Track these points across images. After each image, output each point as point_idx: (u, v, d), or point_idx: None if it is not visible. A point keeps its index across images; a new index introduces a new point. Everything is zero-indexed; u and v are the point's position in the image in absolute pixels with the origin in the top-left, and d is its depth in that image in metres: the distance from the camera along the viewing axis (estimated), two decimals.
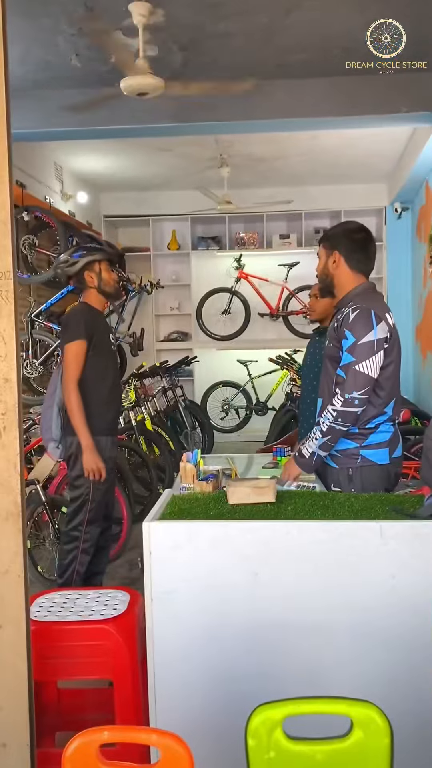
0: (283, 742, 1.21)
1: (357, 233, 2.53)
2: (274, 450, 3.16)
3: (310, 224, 7.60)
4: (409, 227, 7.33)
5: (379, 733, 1.19)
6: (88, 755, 1.29)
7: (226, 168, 6.21)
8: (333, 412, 2.29)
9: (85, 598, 2.20)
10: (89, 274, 3.22)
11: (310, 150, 6.10)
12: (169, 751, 1.26)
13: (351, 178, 7.14)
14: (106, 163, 6.47)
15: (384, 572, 1.77)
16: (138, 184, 7.24)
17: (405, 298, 7.41)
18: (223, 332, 7.58)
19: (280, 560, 1.80)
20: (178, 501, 2.15)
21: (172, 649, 1.82)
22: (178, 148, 5.92)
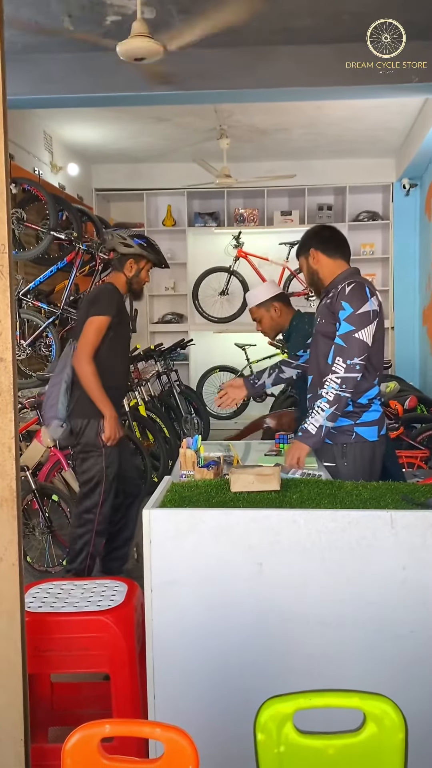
0: (294, 737, 1.22)
1: (323, 231, 2.86)
2: (277, 437, 3.16)
3: (313, 200, 7.57)
4: (418, 204, 7.31)
5: (393, 728, 1.20)
6: (89, 749, 1.30)
7: (226, 140, 6.17)
8: (337, 379, 2.49)
9: (80, 589, 2.21)
10: (132, 263, 3.33)
11: (315, 122, 6.07)
12: (173, 746, 1.27)
13: (357, 152, 7.10)
14: (98, 133, 6.41)
15: (395, 563, 1.78)
16: (132, 155, 7.19)
17: (411, 280, 7.41)
18: (220, 314, 7.57)
19: (285, 550, 1.81)
20: (178, 488, 2.16)
21: (173, 642, 1.83)
22: (175, 117, 5.88)
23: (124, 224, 7.65)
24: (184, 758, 1.26)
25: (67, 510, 3.95)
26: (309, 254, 2.79)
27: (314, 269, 2.79)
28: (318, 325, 2.75)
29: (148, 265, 3.37)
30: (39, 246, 5.31)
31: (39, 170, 5.86)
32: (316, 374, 2.72)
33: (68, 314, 5.57)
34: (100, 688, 2.33)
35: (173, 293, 7.87)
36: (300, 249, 2.86)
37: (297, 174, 6.81)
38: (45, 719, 2.27)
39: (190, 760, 1.26)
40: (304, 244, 2.84)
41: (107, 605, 2.07)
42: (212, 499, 2.04)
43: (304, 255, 2.82)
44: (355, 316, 2.51)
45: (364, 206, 7.60)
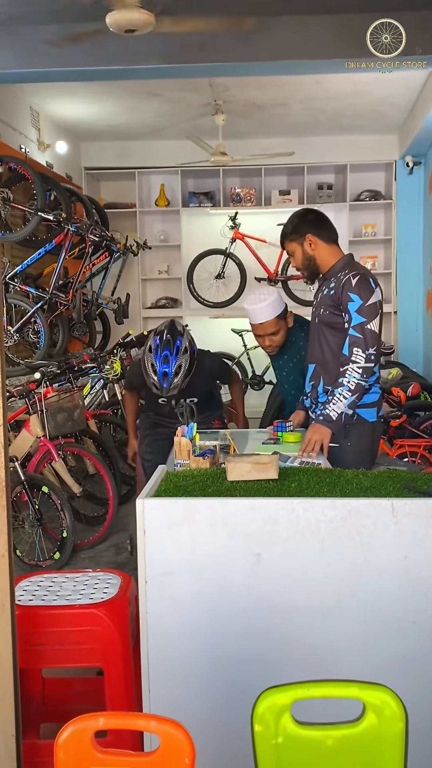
0: (292, 728, 1.25)
1: (309, 214, 2.95)
2: (275, 425, 3.18)
3: (313, 179, 7.56)
4: (421, 183, 7.30)
5: (393, 718, 1.23)
6: (83, 743, 1.32)
7: (221, 115, 6.15)
8: (359, 369, 2.63)
9: (72, 581, 2.23)
10: None
11: (314, 97, 6.04)
12: (168, 738, 1.30)
13: (358, 129, 7.08)
14: (87, 109, 6.38)
15: (396, 553, 1.81)
16: (123, 132, 7.15)
17: (415, 263, 7.41)
18: (216, 298, 7.56)
19: (284, 540, 1.83)
20: (173, 478, 2.18)
21: (168, 635, 1.86)
22: (168, 92, 5.85)
23: (115, 204, 7.64)
24: (180, 751, 1.29)
25: (58, 502, 3.97)
26: (305, 239, 2.85)
27: (311, 255, 2.87)
28: (320, 315, 2.86)
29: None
30: (26, 227, 5.31)
31: (25, 148, 5.83)
32: (319, 363, 2.86)
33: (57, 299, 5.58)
34: (93, 683, 2.37)
35: (167, 277, 7.86)
36: (293, 233, 2.90)
37: (296, 151, 6.79)
38: (37, 715, 2.30)
39: (186, 752, 1.28)
40: (297, 228, 2.89)
41: (100, 598, 2.10)
42: (208, 488, 2.06)
43: (299, 240, 2.88)
44: (365, 307, 2.66)
45: (366, 185, 7.58)
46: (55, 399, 4.31)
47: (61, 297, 5.65)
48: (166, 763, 1.29)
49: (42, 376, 4.25)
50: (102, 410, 5.40)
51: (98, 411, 5.32)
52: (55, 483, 4.15)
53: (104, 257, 6.56)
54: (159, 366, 3.07)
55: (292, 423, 3.16)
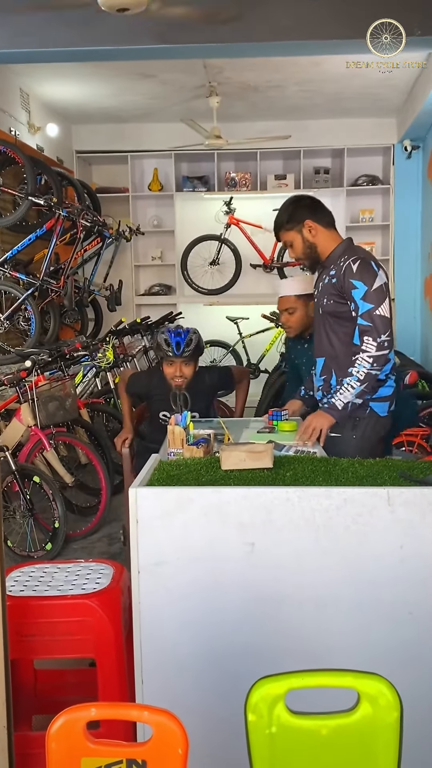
0: (286, 717, 1.26)
1: (303, 200, 2.89)
2: (271, 414, 3.19)
3: (309, 163, 7.53)
4: (420, 168, 7.29)
5: (388, 707, 1.24)
6: (74, 733, 1.33)
7: (216, 98, 6.11)
8: (369, 358, 2.60)
9: (64, 572, 2.24)
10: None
11: (311, 79, 6.02)
12: (161, 729, 1.31)
13: (356, 112, 7.06)
14: (79, 91, 6.34)
15: (392, 542, 1.82)
16: (115, 115, 7.11)
17: (413, 248, 7.41)
18: (210, 285, 7.55)
19: (278, 529, 1.84)
20: (167, 467, 2.18)
21: (162, 625, 1.87)
22: (162, 74, 5.81)
23: (107, 189, 7.60)
24: (174, 741, 1.30)
25: (50, 492, 3.98)
26: (304, 226, 2.79)
27: (311, 242, 2.80)
28: (324, 305, 2.78)
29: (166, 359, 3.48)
30: (16, 212, 5.28)
31: (15, 131, 5.80)
32: (329, 356, 2.82)
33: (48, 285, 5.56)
34: (85, 674, 2.38)
35: (160, 263, 7.84)
36: (291, 221, 2.82)
37: (292, 135, 6.76)
38: (28, 707, 2.32)
39: (179, 743, 1.30)
40: (294, 215, 2.82)
41: (92, 588, 2.11)
42: (202, 477, 2.07)
43: (297, 228, 2.81)
44: (371, 293, 2.60)
45: (364, 170, 7.56)
46: (47, 388, 4.31)
47: (52, 284, 5.63)
48: (159, 753, 1.30)
49: (33, 364, 4.25)
50: (94, 399, 5.40)
51: (90, 400, 5.32)
52: (47, 473, 4.15)
53: (96, 243, 6.54)
54: (172, 337, 3.41)
55: (287, 411, 3.16)
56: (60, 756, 1.32)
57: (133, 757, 1.33)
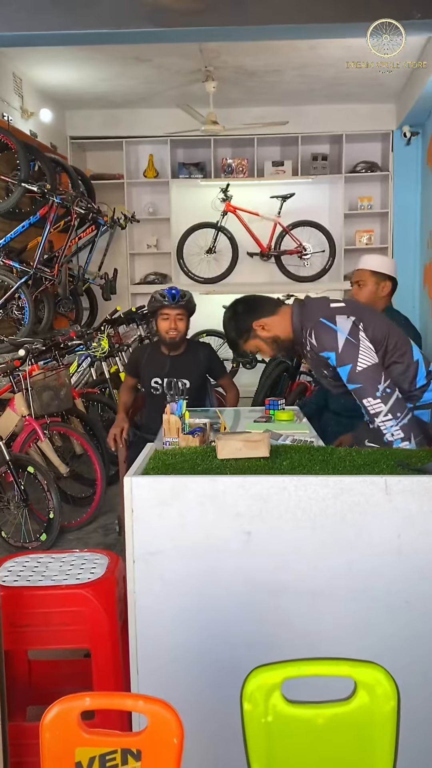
0: (282, 706, 1.26)
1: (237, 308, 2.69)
2: (267, 403, 3.19)
3: (307, 150, 7.50)
4: (419, 154, 7.27)
5: (385, 696, 1.24)
6: (69, 723, 1.33)
7: (212, 82, 6.08)
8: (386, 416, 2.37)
9: (58, 562, 2.24)
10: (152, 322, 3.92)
11: (309, 63, 5.99)
12: (156, 718, 1.31)
13: (355, 97, 7.03)
14: (73, 76, 6.30)
15: (389, 531, 1.82)
16: (110, 100, 7.08)
17: (412, 236, 7.40)
18: (207, 274, 7.54)
19: (275, 518, 1.84)
20: (162, 456, 2.18)
21: (157, 615, 1.87)
22: (157, 58, 5.78)
23: (102, 175, 7.57)
24: (169, 731, 1.30)
25: (44, 483, 3.98)
26: (255, 330, 2.61)
27: (272, 337, 2.61)
28: (331, 383, 2.62)
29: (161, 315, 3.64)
30: (9, 199, 5.26)
31: (8, 116, 5.77)
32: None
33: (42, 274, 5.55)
34: (80, 665, 2.39)
35: (156, 251, 7.82)
36: (240, 335, 2.64)
37: (289, 121, 6.74)
38: (23, 698, 2.32)
39: (174, 732, 1.30)
40: (239, 327, 2.64)
41: (87, 578, 2.11)
42: (198, 466, 2.06)
43: (250, 335, 2.62)
44: (341, 355, 2.41)
45: (362, 156, 7.54)
46: (41, 377, 4.30)
47: (46, 272, 5.61)
48: (154, 743, 1.30)
49: (27, 353, 4.24)
50: (89, 389, 5.40)
51: (85, 389, 5.31)
52: (41, 463, 4.15)
53: (91, 231, 6.52)
54: (167, 291, 3.66)
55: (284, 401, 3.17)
56: (54, 746, 1.32)
57: (128, 747, 1.33)
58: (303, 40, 5.35)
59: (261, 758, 1.27)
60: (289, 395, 5.58)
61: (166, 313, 3.61)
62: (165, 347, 3.71)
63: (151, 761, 1.30)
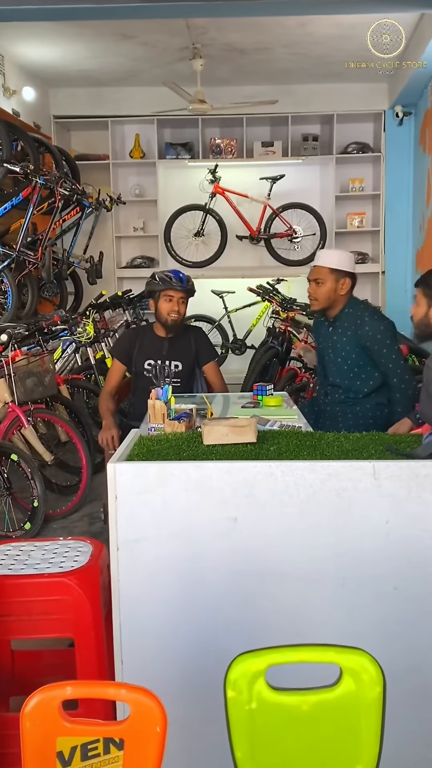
0: (266, 693, 1.27)
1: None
2: (255, 388, 3.19)
3: (297, 130, 7.47)
4: (412, 135, 7.25)
5: (371, 682, 1.25)
6: (50, 712, 1.33)
7: (200, 60, 6.04)
8: None
9: (41, 550, 2.24)
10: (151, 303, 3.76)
11: (299, 41, 5.95)
12: (139, 707, 1.31)
13: (345, 76, 6.98)
14: (56, 53, 6.23)
15: (377, 517, 1.83)
16: (95, 78, 7.01)
17: (404, 219, 7.39)
18: (195, 258, 7.51)
19: (261, 504, 1.84)
20: (147, 442, 2.18)
21: (141, 603, 1.87)
22: (143, 35, 5.72)
23: (87, 156, 7.51)
24: (152, 719, 1.31)
25: (28, 471, 3.97)
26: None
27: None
28: None
29: (163, 296, 3.61)
30: None
31: None
32: None
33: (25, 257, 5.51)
34: (63, 655, 2.39)
35: (142, 234, 7.78)
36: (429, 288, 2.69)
37: (279, 100, 6.70)
38: (5, 688, 2.33)
39: (157, 720, 1.30)
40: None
41: (70, 566, 2.11)
42: (183, 452, 2.07)
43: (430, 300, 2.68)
44: None
45: (354, 137, 7.51)
46: (24, 363, 4.28)
47: (30, 255, 5.57)
48: (136, 732, 1.31)
49: (9, 338, 4.21)
50: (74, 375, 5.38)
51: (70, 376, 5.29)
52: (25, 451, 4.14)
53: (75, 213, 6.47)
54: (174, 273, 3.66)
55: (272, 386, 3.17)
56: (35, 735, 1.32)
57: (110, 736, 1.33)
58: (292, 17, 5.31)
59: (244, 746, 1.28)
60: (279, 381, 5.58)
61: (170, 295, 3.59)
62: (161, 330, 3.68)
63: (133, 750, 1.31)
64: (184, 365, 3.67)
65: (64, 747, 1.34)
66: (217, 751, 1.49)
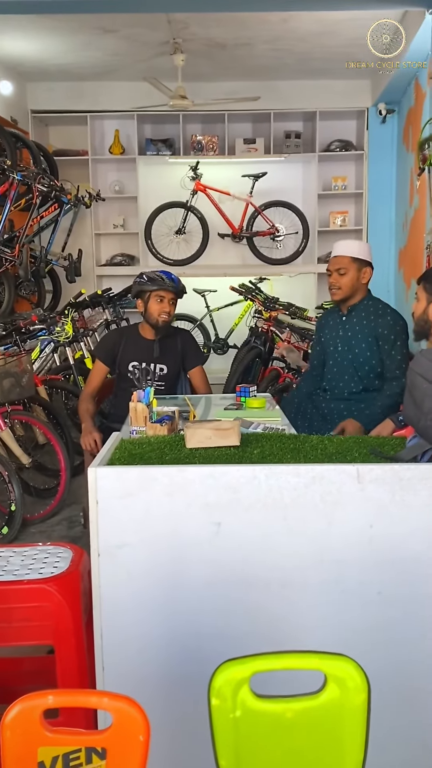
0: (251, 701, 1.28)
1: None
2: (238, 390, 3.20)
3: (279, 127, 7.49)
4: (395, 133, 7.31)
5: (355, 689, 1.26)
6: (31, 722, 1.33)
7: (181, 55, 6.04)
8: None
9: (20, 556, 2.23)
10: (139, 303, 3.70)
11: (281, 36, 5.97)
12: (121, 716, 1.32)
13: (328, 73, 7.03)
14: (34, 46, 6.21)
15: (361, 521, 1.84)
16: (74, 72, 6.99)
17: (387, 218, 7.45)
18: (176, 256, 7.51)
19: (245, 508, 1.85)
20: (128, 445, 2.18)
21: (123, 610, 1.87)
22: (123, 29, 5.71)
23: (65, 151, 7.49)
24: (134, 728, 1.31)
25: (5, 473, 3.95)
26: None
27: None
28: None
29: (154, 296, 3.58)
30: None
31: None
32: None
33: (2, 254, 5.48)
34: (43, 662, 2.38)
35: (122, 231, 7.77)
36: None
37: (261, 96, 6.72)
38: None
39: (140, 729, 1.31)
40: None
41: (50, 572, 2.10)
42: (166, 455, 2.07)
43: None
44: None
45: (336, 134, 7.55)
46: (1, 363, 4.26)
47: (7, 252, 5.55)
48: (119, 741, 1.31)
49: None
50: (52, 375, 5.36)
51: (48, 376, 5.27)
52: (2, 453, 4.12)
53: (53, 209, 6.45)
54: (165, 273, 3.66)
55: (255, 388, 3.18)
56: (15, 745, 1.32)
57: (92, 745, 1.33)
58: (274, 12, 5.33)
59: (229, 754, 1.29)
60: (261, 381, 5.60)
61: (161, 295, 3.57)
62: (148, 331, 3.66)
63: (116, 759, 1.31)
64: (170, 368, 3.65)
65: (45, 757, 1.34)
66: (201, 760, 1.50)
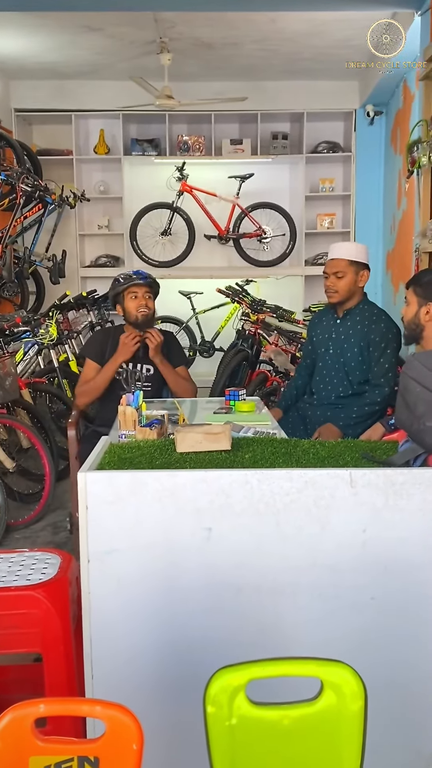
0: (247, 708, 1.28)
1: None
2: (227, 393, 3.20)
3: (266, 128, 7.52)
4: (383, 135, 7.35)
5: (352, 695, 1.27)
6: (22, 731, 1.33)
7: (167, 54, 6.04)
8: None
9: (7, 562, 2.22)
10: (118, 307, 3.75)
11: (268, 37, 5.99)
12: (114, 724, 1.32)
13: (316, 74, 7.06)
14: (18, 44, 6.19)
15: (354, 525, 1.85)
16: (58, 71, 6.98)
17: (375, 220, 7.49)
18: (162, 257, 7.51)
19: (237, 514, 1.85)
20: (118, 450, 2.18)
21: (113, 617, 1.87)
22: (109, 27, 5.71)
23: (49, 151, 7.47)
24: (128, 736, 1.31)
25: None
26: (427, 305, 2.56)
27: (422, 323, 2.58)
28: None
29: (128, 295, 3.65)
30: None
31: None
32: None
33: None
34: (30, 670, 2.37)
35: (107, 232, 7.76)
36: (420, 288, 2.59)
37: (248, 97, 6.73)
38: None
39: (133, 738, 1.31)
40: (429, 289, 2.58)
41: (38, 579, 2.10)
42: (156, 460, 2.06)
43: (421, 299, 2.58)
44: None
45: (324, 136, 7.58)
46: None
47: None
48: (112, 750, 1.31)
49: None
50: (37, 378, 5.33)
51: (32, 379, 5.25)
52: None
53: (37, 209, 6.43)
54: (133, 271, 3.75)
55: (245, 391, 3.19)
56: (6, 755, 1.32)
57: (84, 755, 1.33)
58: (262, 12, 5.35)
59: (225, 762, 1.29)
60: (249, 385, 5.60)
61: (134, 291, 3.62)
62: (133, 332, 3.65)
63: None
64: (156, 369, 3.66)
65: (37, 766, 1.34)
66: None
